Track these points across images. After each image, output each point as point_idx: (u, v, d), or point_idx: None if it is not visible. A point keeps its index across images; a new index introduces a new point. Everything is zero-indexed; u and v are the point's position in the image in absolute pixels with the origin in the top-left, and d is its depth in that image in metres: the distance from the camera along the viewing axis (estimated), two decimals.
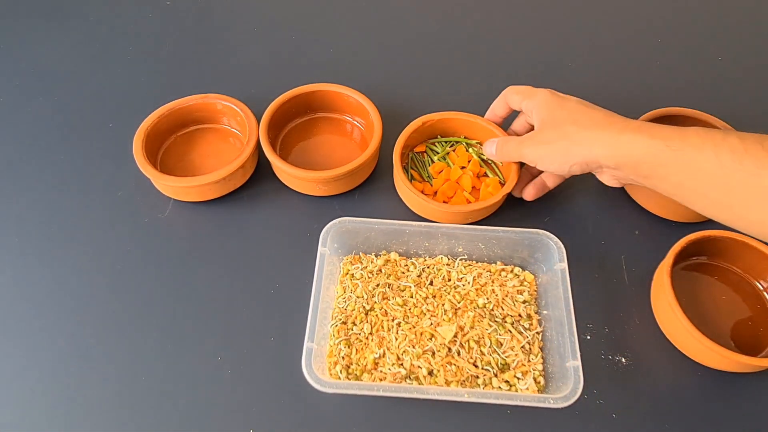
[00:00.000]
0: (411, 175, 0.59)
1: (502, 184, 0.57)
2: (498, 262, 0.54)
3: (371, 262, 0.53)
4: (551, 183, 0.56)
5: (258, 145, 0.59)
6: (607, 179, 0.48)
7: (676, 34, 0.79)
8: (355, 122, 0.65)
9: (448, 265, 0.53)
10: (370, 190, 0.61)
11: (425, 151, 0.61)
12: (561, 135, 0.47)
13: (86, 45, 0.76)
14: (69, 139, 0.65)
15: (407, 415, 0.47)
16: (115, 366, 0.49)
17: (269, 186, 0.61)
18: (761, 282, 0.53)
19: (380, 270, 0.53)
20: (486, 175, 0.59)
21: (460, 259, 0.54)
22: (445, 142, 0.60)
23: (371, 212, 0.59)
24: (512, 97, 0.55)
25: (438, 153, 0.60)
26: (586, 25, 0.80)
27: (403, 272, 0.53)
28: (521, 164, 0.56)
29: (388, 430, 0.47)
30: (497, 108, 0.57)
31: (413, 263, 0.54)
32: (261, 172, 0.62)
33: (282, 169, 0.57)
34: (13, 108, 0.68)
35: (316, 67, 0.74)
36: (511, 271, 0.53)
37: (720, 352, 0.45)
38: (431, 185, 0.58)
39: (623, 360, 0.50)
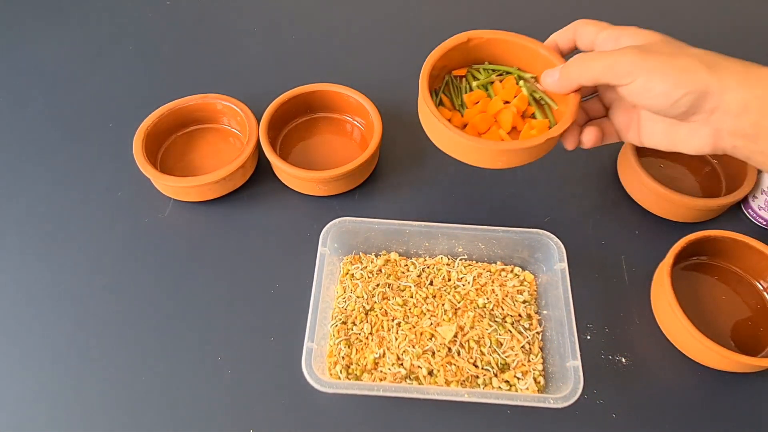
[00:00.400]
0: (440, 100, 0.47)
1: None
2: (498, 262, 0.54)
3: (371, 262, 0.53)
4: (622, 130, 0.42)
5: (258, 145, 0.59)
6: (702, 138, 0.36)
7: (676, 34, 0.79)
8: (355, 122, 0.65)
9: (448, 265, 0.53)
10: (370, 190, 0.61)
11: (465, 76, 0.47)
12: (681, 50, 0.36)
13: (86, 45, 0.76)
14: (69, 139, 0.65)
15: (407, 415, 0.47)
16: (115, 366, 0.49)
17: (269, 186, 0.61)
18: (761, 282, 0.53)
19: (380, 270, 0.53)
20: (533, 116, 0.44)
21: (460, 259, 0.54)
22: (492, 71, 0.46)
23: (371, 212, 0.59)
24: (585, 28, 0.42)
25: (479, 80, 0.46)
26: None
27: (403, 272, 0.53)
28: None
29: (388, 430, 0.47)
30: (560, 40, 0.43)
31: (413, 263, 0.54)
32: (261, 172, 0.62)
33: (282, 169, 0.57)
34: (13, 108, 0.68)
35: (316, 67, 0.74)
36: (511, 271, 0.53)
37: (720, 352, 0.45)
38: (461, 115, 0.46)
39: (623, 360, 0.50)
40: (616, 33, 0.39)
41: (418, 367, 0.46)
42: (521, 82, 0.45)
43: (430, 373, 0.46)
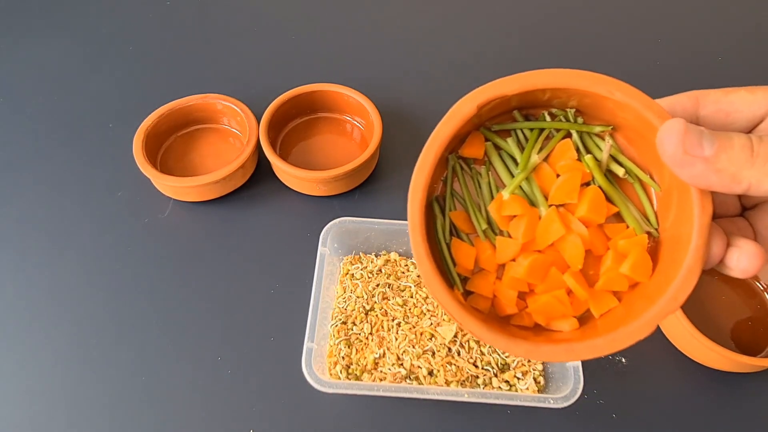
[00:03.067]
0: (450, 223, 0.27)
1: (654, 241, 0.26)
2: None
3: (371, 262, 0.53)
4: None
5: (258, 145, 0.59)
6: None
7: (676, 34, 0.79)
8: (355, 122, 0.65)
9: None
10: (370, 190, 0.61)
11: (485, 160, 0.27)
12: None
13: (86, 45, 0.76)
14: (69, 139, 0.65)
15: (407, 415, 0.47)
16: (115, 366, 0.49)
17: (269, 186, 0.61)
18: (761, 282, 0.53)
19: (380, 270, 0.53)
20: (619, 217, 0.26)
21: None
22: (530, 131, 0.26)
23: (371, 212, 0.59)
24: (721, 97, 0.25)
25: (513, 169, 0.26)
26: (585, 25, 0.80)
27: (403, 272, 0.53)
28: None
29: (388, 430, 0.47)
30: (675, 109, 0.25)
31: (413, 263, 0.54)
32: (261, 172, 0.62)
33: (282, 169, 0.57)
34: (13, 108, 0.68)
35: (316, 67, 0.74)
36: None
37: (720, 352, 0.45)
38: (493, 248, 0.26)
39: (623, 360, 0.50)
40: None
41: (418, 367, 0.46)
42: (586, 159, 0.25)
43: (430, 373, 0.46)
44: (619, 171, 0.25)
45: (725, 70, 0.74)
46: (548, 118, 0.26)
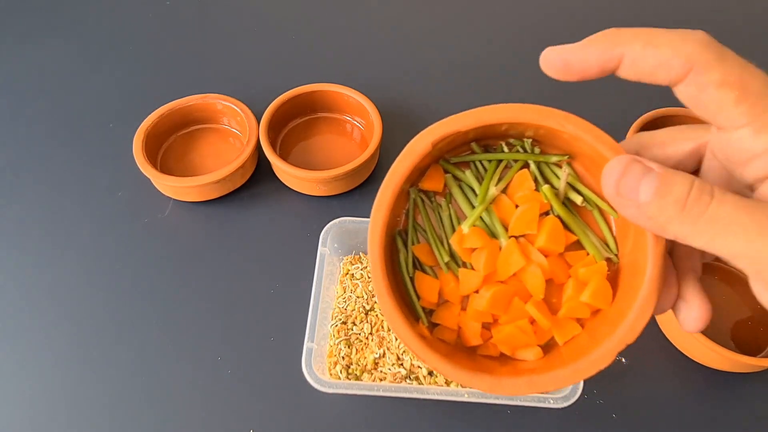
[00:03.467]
0: (413, 257, 0.27)
1: (614, 267, 0.26)
2: None
3: None
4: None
5: (258, 145, 0.59)
6: None
7: None
8: (355, 122, 0.65)
9: None
10: (370, 190, 0.61)
11: (446, 192, 0.28)
12: None
13: (86, 45, 0.76)
14: (69, 140, 0.65)
15: (407, 415, 0.47)
16: (115, 366, 0.49)
17: (269, 186, 0.61)
18: None
19: None
20: (579, 245, 0.26)
21: None
22: (488, 162, 0.27)
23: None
24: (650, 53, 0.20)
25: (472, 200, 0.27)
26: (585, 25, 0.80)
27: None
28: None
29: (388, 430, 0.47)
30: (586, 56, 0.21)
31: None
32: (261, 172, 0.62)
33: (282, 169, 0.57)
34: (13, 108, 0.68)
35: (316, 67, 0.74)
36: None
37: (720, 352, 0.45)
38: (456, 280, 0.26)
39: (623, 360, 0.50)
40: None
41: (418, 367, 0.46)
42: (543, 189, 0.26)
43: (430, 373, 0.46)
44: (577, 199, 0.26)
45: None
46: (506, 149, 0.26)
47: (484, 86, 0.72)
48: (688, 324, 0.24)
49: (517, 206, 0.26)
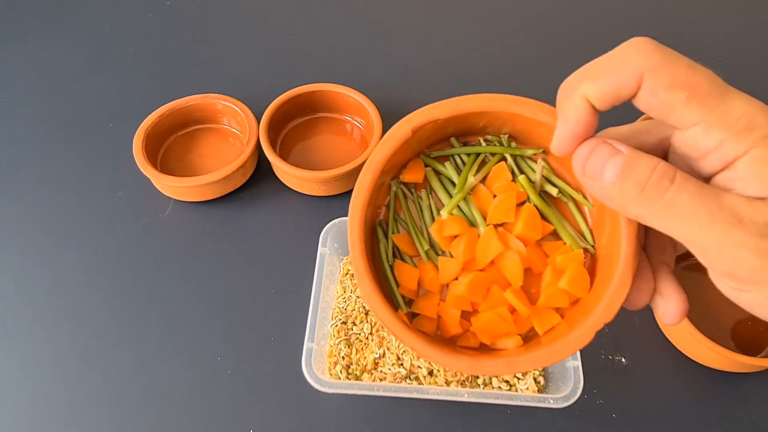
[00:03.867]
0: (393, 246, 0.28)
1: (591, 258, 0.26)
2: None
3: None
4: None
5: (258, 145, 0.59)
6: None
7: (675, 34, 0.79)
8: (355, 122, 0.65)
9: None
10: None
11: (426, 185, 0.28)
12: None
13: (86, 45, 0.76)
14: (69, 139, 0.65)
15: (407, 415, 0.47)
16: (115, 366, 0.49)
17: (269, 186, 0.61)
18: None
19: None
20: (556, 236, 0.27)
21: None
22: (467, 156, 0.27)
23: None
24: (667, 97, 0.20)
25: (452, 192, 0.27)
26: (584, 25, 0.80)
27: None
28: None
29: (388, 430, 0.47)
30: (574, 129, 0.22)
31: None
32: (261, 172, 0.62)
33: (282, 169, 0.57)
34: (13, 108, 0.68)
35: (316, 67, 0.74)
36: None
37: (720, 352, 0.45)
38: (436, 270, 0.27)
39: (623, 360, 0.50)
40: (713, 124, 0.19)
41: (418, 367, 0.46)
42: (520, 179, 0.26)
43: (430, 373, 0.46)
44: (553, 191, 0.26)
45: (725, 70, 0.74)
46: (483, 144, 0.27)
47: (484, 86, 0.72)
48: (666, 317, 0.24)
49: (494, 196, 0.26)
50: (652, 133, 0.23)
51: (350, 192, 0.60)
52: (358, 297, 0.51)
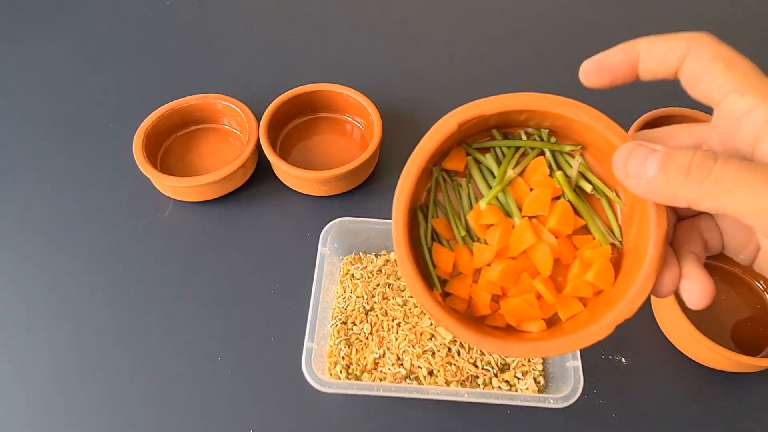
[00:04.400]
0: (431, 229, 0.29)
1: (618, 252, 0.28)
2: None
3: (371, 262, 0.53)
4: (733, 246, 0.26)
5: (258, 145, 0.59)
6: None
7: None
8: (355, 122, 0.65)
9: None
10: (370, 190, 0.61)
11: (466, 173, 0.29)
12: None
13: (86, 45, 0.76)
14: (69, 139, 0.65)
15: (407, 415, 0.47)
16: (114, 366, 0.49)
17: (269, 186, 0.61)
18: (761, 282, 0.53)
19: (380, 270, 0.53)
20: (587, 230, 0.28)
21: None
22: (507, 148, 0.29)
23: (371, 212, 0.59)
24: (666, 52, 0.23)
25: (490, 182, 0.28)
26: (585, 25, 0.80)
27: None
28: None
29: (388, 430, 0.47)
30: (613, 58, 0.25)
31: None
32: (261, 172, 0.62)
33: (282, 169, 0.57)
34: (13, 108, 0.68)
35: (316, 67, 0.74)
36: None
37: (720, 352, 0.45)
38: (470, 254, 0.28)
39: (623, 360, 0.50)
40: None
41: (418, 367, 0.46)
42: (556, 175, 0.27)
43: (430, 373, 0.46)
44: (587, 187, 0.28)
45: None
46: (524, 137, 0.28)
47: (484, 86, 0.72)
48: (693, 300, 0.24)
49: (531, 189, 0.28)
50: (690, 134, 0.24)
51: (350, 192, 0.60)
52: (358, 297, 0.51)
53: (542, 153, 0.28)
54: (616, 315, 0.25)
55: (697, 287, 0.24)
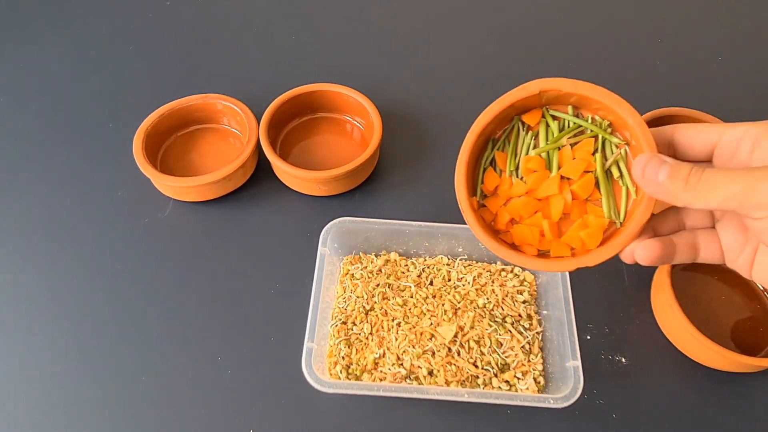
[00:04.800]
0: (493, 157, 0.37)
1: (613, 230, 0.34)
2: (498, 262, 0.54)
3: (371, 262, 0.53)
4: (730, 250, 0.31)
5: (258, 145, 0.59)
6: None
7: (676, 34, 0.79)
8: (355, 122, 0.65)
9: (448, 265, 0.53)
10: (370, 190, 0.61)
11: (537, 129, 0.37)
12: None
13: (86, 45, 0.76)
14: (69, 139, 0.65)
15: (407, 415, 0.47)
16: (115, 366, 0.49)
17: (269, 186, 0.61)
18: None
19: (380, 270, 0.53)
20: (600, 203, 0.34)
21: (460, 259, 0.54)
22: (573, 123, 0.35)
23: (371, 212, 0.59)
24: (693, 133, 0.30)
25: (548, 138, 0.36)
26: (586, 25, 0.80)
27: (403, 272, 0.53)
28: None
29: (388, 430, 0.47)
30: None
31: (413, 263, 0.54)
32: (261, 172, 0.62)
33: (282, 169, 0.57)
34: (13, 108, 0.68)
35: (316, 67, 0.74)
36: (511, 271, 0.53)
37: (720, 352, 0.45)
38: (511, 184, 0.36)
39: (623, 360, 0.50)
40: (754, 133, 0.27)
41: (418, 367, 0.46)
42: (597, 155, 0.34)
43: (430, 373, 0.46)
44: (616, 173, 0.34)
45: (725, 70, 0.74)
46: (589, 121, 0.35)
47: (484, 86, 0.72)
48: (640, 255, 0.31)
49: (574, 158, 0.35)
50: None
51: (350, 192, 0.60)
52: (358, 297, 0.51)
53: (596, 137, 0.35)
54: (584, 261, 0.33)
55: (647, 246, 0.31)
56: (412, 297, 0.51)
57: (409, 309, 0.50)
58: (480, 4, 0.83)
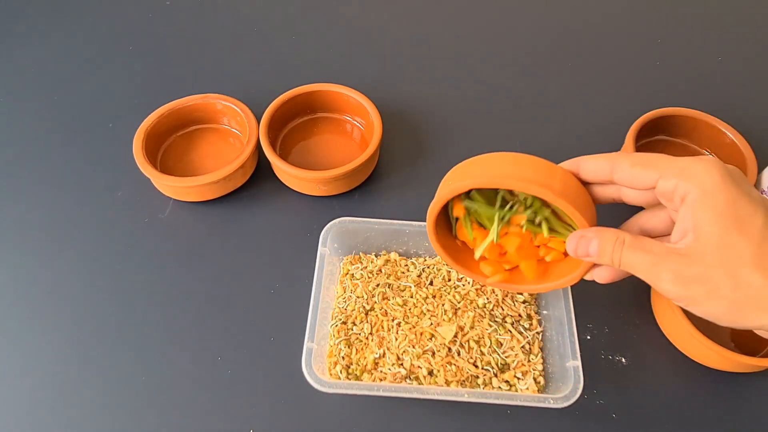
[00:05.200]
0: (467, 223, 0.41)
1: (545, 264, 0.42)
2: None
3: (371, 262, 0.53)
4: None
5: (258, 145, 0.59)
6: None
7: (676, 34, 0.79)
8: (355, 122, 0.65)
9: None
10: (370, 190, 0.61)
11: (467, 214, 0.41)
12: (733, 282, 0.29)
13: (86, 45, 0.76)
14: (69, 139, 0.65)
15: (407, 415, 0.47)
16: (114, 366, 0.49)
17: (269, 186, 0.61)
18: None
19: (380, 270, 0.53)
20: (554, 231, 0.38)
21: None
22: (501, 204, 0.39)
23: (371, 212, 0.59)
24: (634, 171, 0.33)
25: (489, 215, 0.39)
26: (585, 25, 0.80)
27: (403, 272, 0.53)
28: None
29: (388, 430, 0.47)
30: (596, 168, 0.35)
31: (413, 263, 0.54)
32: (261, 172, 0.62)
33: (282, 169, 0.57)
34: (13, 108, 0.68)
35: (316, 67, 0.74)
36: None
37: (720, 352, 0.45)
38: (496, 241, 0.40)
39: (623, 360, 0.50)
40: (685, 190, 0.30)
41: (418, 367, 0.46)
42: (524, 223, 0.39)
43: (430, 373, 0.46)
44: (546, 231, 0.38)
45: (725, 70, 0.74)
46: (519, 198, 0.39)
47: (484, 86, 0.72)
48: (598, 276, 0.38)
49: (506, 233, 0.40)
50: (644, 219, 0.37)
51: (350, 192, 0.61)
52: (358, 297, 0.51)
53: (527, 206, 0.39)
54: (553, 285, 0.40)
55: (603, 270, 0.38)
56: (412, 297, 0.51)
57: (409, 309, 0.50)
58: (480, 4, 0.83)
